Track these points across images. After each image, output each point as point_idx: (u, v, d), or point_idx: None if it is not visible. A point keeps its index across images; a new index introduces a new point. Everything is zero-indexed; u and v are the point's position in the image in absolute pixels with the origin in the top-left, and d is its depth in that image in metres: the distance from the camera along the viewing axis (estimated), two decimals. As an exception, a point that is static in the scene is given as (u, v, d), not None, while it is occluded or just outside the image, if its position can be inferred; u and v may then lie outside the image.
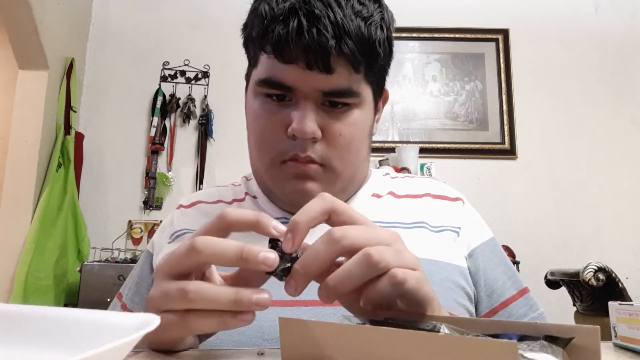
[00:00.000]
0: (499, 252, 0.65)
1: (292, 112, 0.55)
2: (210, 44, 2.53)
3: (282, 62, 0.54)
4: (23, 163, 2.08)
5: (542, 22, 2.62)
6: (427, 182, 0.70)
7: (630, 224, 2.43)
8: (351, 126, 0.57)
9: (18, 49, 2.08)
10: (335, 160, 0.57)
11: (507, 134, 2.49)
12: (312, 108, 0.55)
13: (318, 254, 0.35)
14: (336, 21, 0.52)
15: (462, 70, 2.55)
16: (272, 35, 0.53)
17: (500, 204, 2.38)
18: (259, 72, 0.57)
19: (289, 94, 0.56)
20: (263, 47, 0.55)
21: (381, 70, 0.61)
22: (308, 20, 0.51)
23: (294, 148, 0.56)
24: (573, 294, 1.63)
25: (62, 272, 2.07)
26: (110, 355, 0.20)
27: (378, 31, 0.55)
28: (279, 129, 0.56)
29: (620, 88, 2.57)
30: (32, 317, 0.30)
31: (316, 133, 0.55)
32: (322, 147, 0.56)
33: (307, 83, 0.54)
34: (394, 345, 0.27)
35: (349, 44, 0.52)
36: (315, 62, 0.52)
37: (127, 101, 2.47)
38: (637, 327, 0.39)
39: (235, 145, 2.44)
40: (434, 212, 0.64)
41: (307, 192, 0.57)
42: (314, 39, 0.51)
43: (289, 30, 0.52)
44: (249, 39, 0.59)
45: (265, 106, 0.58)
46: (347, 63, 0.54)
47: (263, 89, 0.57)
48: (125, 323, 0.27)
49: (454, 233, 0.63)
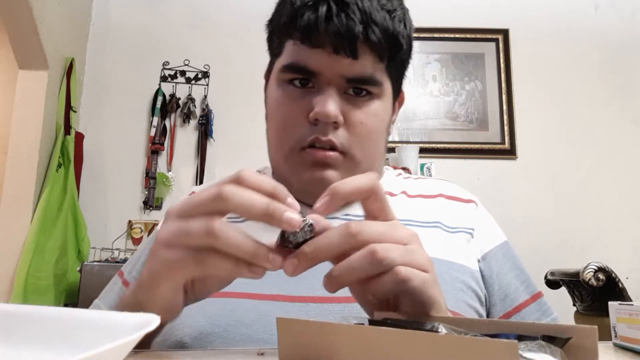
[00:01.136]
0: (512, 256, 0.65)
1: (314, 98, 0.56)
2: (210, 44, 2.53)
3: (309, 47, 0.55)
4: (23, 163, 2.08)
5: (542, 22, 2.62)
6: (440, 183, 0.70)
7: (630, 224, 2.43)
8: (372, 116, 0.58)
9: (18, 49, 2.08)
10: (355, 149, 0.57)
11: (507, 134, 2.49)
12: (335, 93, 0.56)
13: (330, 243, 0.35)
14: (364, 9, 0.54)
15: (462, 70, 2.55)
16: (301, 21, 0.54)
17: (500, 204, 2.38)
18: (284, 59, 0.58)
19: (312, 79, 0.57)
20: (290, 33, 0.56)
21: (401, 65, 0.62)
22: (337, 6, 0.53)
23: (315, 132, 0.56)
24: (573, 294, 1.63)
25: (62, 272, 2.07)
26: (110, 355, 0.20)
27: (401, 25, 0.57)
28: (300, 115, 0.56)
29: (620, 88, 2.57)
30: (32, 317, 0.30)
31: (338, 117, 0.55)
32: (343, 134, 0.57)
33: (332, 68, 0.55)
34: (393, 346, 0.27)
35: (375, 32, 0.54)
36: (342, 46, 0.54)
37: (127, 101, 2.47)
38: (637, 327, 0.39)
39: (235, 145, 2.44)
40: (448, 213, 0.64)
41: (326, 179, 0.56)
42: (343, 23, 0.53)
43: (318, 15, 0.53)
44: (275, 28, 0.60)
45: (288, 93, 0.58)
46: (372, 51, 0.55)
47: (287, 75, 0.58)
48: (125, 323, 0.27)
49: (467, 235, 0.63)
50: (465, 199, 0.68)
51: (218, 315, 0.52)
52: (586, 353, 0.28)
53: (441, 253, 0.58)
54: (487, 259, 0.62)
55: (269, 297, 0.53)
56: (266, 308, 0.52)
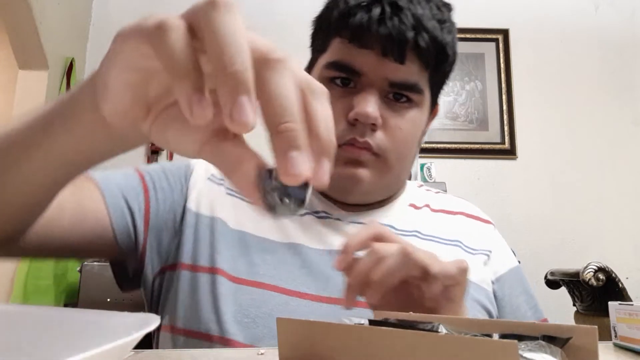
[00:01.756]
0: (523, 280, 0.66)
1: (354, 98, 0.56)
2: (210, 44, 2.53)
3: (357, 47, 0.55)
4: (23, 163, 2.08)
5: (542, 22, 2.62)
6: (461, 201, 0.71)
7: (630, 224, 2.43)
8: (409, 122, 0.58)
9: (18, 49, 2.08)
10: (390, 152, 0.58)
11: (507, 134, 2.49)
12: (377, 95, 0.56)
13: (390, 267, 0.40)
14: (416, 15, 0.54)
15: (462, 70, 2.55)
16: (353, 20, 0.55)
17: (500, 204, 2.38)
18: (329, 56, 0.58)
19: (355, 79, 0.57)
20: (340, 31, 0.57)
21: (442, 77, 0.62)
22: (391, 9, 0.54)
23: (352, 133, 0.56)
24: (573, 294, 1.63)
25: (62, 272, 2.07)
26: (110, 355, 0.20)
27: (450, 36, 0.58)
28: (339, 113, 0.56)
29: (621, 88, 2.57)
30: (32, 317, 0.30)
31: (378, 119, 0.55)
32: (380, 137, 0.57)
33: (377, 70, 0.55)
34: (393, 346, 0.27)
35: (425, 39, 0.55)
36: (391, 49, 0.54)
37: (127, 101, 2.47)
38: (637, 327, 0.39)
39: (235, 145, 2.44)
40: (468, 233, 0.65)
41: (357, 178, 0.57)
42: (395, 26, 0.53)
43: (371, 16, 0.54)
44: (324, 25, 0.61)
45: (329, 90, 0.57)
46: (419, 58, 0.56)
47: (330, 72, 0.58)
48: (125, 323, 0.27)
49: (485, 256, 0.63)
50: (484, 219, 0.69)
51: (249, 304, 0.52)
52: (586, 353, 0.28)
53: None
54: (500, 281, 0.63)
55: (299, 295, 0.54)
56: (296, 304, 0.53)
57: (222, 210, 0.59)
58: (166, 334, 0.55)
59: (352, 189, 0.60)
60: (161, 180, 0.61)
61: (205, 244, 0.57)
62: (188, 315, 0.53)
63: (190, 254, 0.57)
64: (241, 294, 0.52)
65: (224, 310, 0.51)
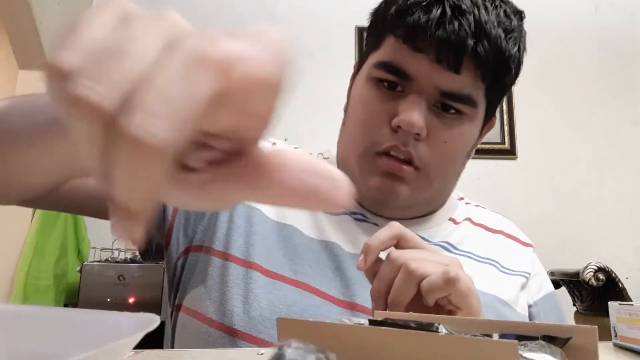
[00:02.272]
0: (558, 307, 0.64)
1: (401, 104, 0.52)
2: (210, 44, 2.53)
3: (411, 49, 0.51)
4: (23, 163, 2.08)
5: (542, 22, 2.62)
6: (501, 219, 0.69)
7: (630, 224, 2.42)
8: (457, 136, 0.54)
9: (18, 49, 2.07)
10: (432, 166, 0.54)
11: (507, 134, 2.48)
12: (424, 104, 0.52)
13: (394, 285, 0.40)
14: (480, 21, 0.49)
15: (462, 70, 2.55)
16: (410, 19, 0.50)
17: (500, 204, 2.38)
18: (381, 54, 0.54)
19: (404, 83, 0.53)
20: (394, 29, 0.52)
21: (502, 90, 0.57)
22: (452, 12, 0.49)
23: (394, 140, 0.52)
24: (573, 294, 1.63)
25: (62, 272, 2.07)
26: (110, 355, 0.20)
27: (515, 48, 0.53)
28: (383, 118, 0.53)
29: (620, 88, 2.57)
30: (32, 317, 0.30)
31: (422, 130, 0.51)
32: (423, 148, 0.53)
33: (429, 76, 0.51)
34: (393, 345, 0.27)
35: (485, 48, 0.49)
36: (446, 56, 0.49)
37: (127, 101, 2.47)
38: (637, 327, 0.39)
39: (235, 145, 2.44)
40: (506, 253, 0.62)
41: (395, 193, 0.54)
42: (454, 31, 0.49)
43: (429, 17, 0.49)
44: (380, 19, 0.56)
45: (374, 92, 0.54)
46: (477, 69, 0.51)
47: (379, 73, 0.54)
48: (125, 323, 0.27)
49: (524, 279, 0.61)
50: (524, 241, 0.67)
51: (280, 302, 0.50)
52: (586, 353, 0.28)
53: (489, 288, 0.56)
54: (538, 306, 0.61)
55: (332, 300, 0.51)
56: (327, 309, 0.50)
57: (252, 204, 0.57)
58: (185, 316, 0.53)
59: (388, 203, 0.57)
60: None
61: (240, 234, 0.54)
62: (215, 306, 0.51)
63: (223, 241, 0.54)
64: (273, 288, 0.50)
65: (255, 306, 0.49)
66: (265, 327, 0.49)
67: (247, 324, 0.49)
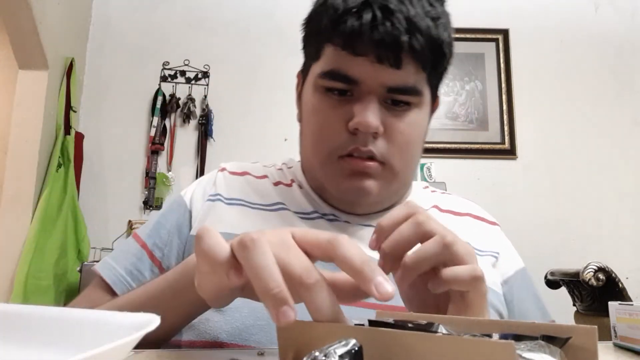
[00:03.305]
0: (530, 282, 0.65)
1: (354, 107, 0.54)
2: (210, 44, 2.53)
3: (351, 54, 0.53)
4: (23, 163, 2.08)
5: (542, 22, 2.62)
6: (466, 202, 0.70)
7: (630, 224, 2.43)
8: (411, 126, 0.57)
9: (18, 49, 2.07)
10: (395, 159, 0.56)
11: (507, 134, 2.49)
12: (376, 103, 0.54)
13: (428, 254, 0.38)
14: (409, 17, 0.52)
15: (462, 70, 2.55)
16: (345, 27, 0.52)
17: (499, 203, 2.38)
18: (323, 64, 0.56)
19: (352, 88, 0.55)
20: (331, 38, 0.55)
21: (441, 74, 0.60)
22: (382, 14, 0.51)
23: (354, 142, 0.55)
24: (573, 294, 1.63)
25: (62, 272, 2.07)
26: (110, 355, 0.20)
27: (445, 33, 0.56)
28: (339, 123, 0.55)
29: (621, 88, 2.57)
30: (32, 317, 0.30)
31: (379, 128, 0.54)
32: (382, 144, 0.55)
33: (374, 77, 0.54)
34: (393, 346, 0.27)
35: (420, 41, 0.52)
36: (386, 55, 0.52)
37: (127, 101, 2.47)
38: (637, 327, 0.39)
39: (235, 145, 2.44)
40: (475, 234, 0.64)
41: (365, 190, 0.56)
42: (388, 32, 0.51)
43: (362, 23, 0.52)
44: (314, 31, 0.59)
45: (326, 100, 0.57)
46: (415, 60, 0.54)
47: (325, 82, 0.56)
48: (125, 323, 0.27)
49: (493, 258, 0.63)
50: (490, 220, 0.68)
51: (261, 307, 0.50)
52: (586, 353, 0.28)
53: None
54: (508, 283, 0.62)
55: None
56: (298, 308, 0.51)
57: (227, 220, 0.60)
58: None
59: (360, 201, 0.59)
60: (162, 237, 0.63)
61: None
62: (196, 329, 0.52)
63: None
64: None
65: (237, 317, 0.51)
66: (250, 333, 0.50)
67: (230, 335, 0.50)
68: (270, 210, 0.62)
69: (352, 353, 0.25)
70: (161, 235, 0.62)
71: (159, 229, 0.63)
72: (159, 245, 0.62)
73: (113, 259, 0.62)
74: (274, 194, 0.64)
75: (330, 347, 0.25)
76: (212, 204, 0.62)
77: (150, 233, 0.63)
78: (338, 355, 0.25)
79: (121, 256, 0.62)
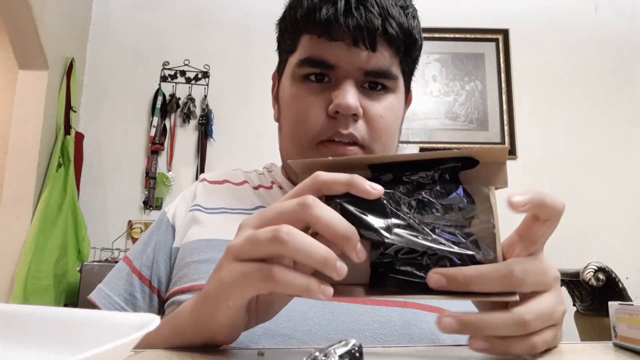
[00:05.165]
0: None
1: (332, 92, 0.56)
2: (210, 44, 2.53)
3: (327, 40, 0.55)
4: (23, 163, 2.08)
5: (542, 22, 2.62)
6: None
7: (630, 224, 2.42)
8: (389, 109, 0.59)
9: (18, 49, 2.08)
10: (375, 142, 0.58)
11: (507, 134, 2.49)
12: (353, 87, 0.56)
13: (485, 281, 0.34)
14: (381, 3, 0.55)
15: (462, 70, 2.55)
16: (320, 15, 0.55)
17: (499, 204, 2.37)
18: (300, 54, 0.58)
19: (329, 73, 0.57)
20: (307, 28, 0.57)
21: (413, 62, 0.63)
22: (356, 1, 0.54)
23: (335, 126, 0.56)
24: (573, 294, 1.63)
25: (62, 272, 2.07)
26: (110, 355, 0.20)
27: (414, 21, 0.59)
28: (319, 108, 0.56)
29: (620, 88, 2.57)
30: (32, 317, 0.30)
31: (359, 109, 0.55)
32: (362, 127, 0.57)
33: (350, 61, 0.55)
34: None
35: (392, 25, 0.55)
36: (362, 39, 0.54)
37: (127, 101, 2.47)
38: (637, 327, 0.39)
39: (235, 145, 2.44)
40: None
41: None
42: (362, 16, 0.54)
43: (337, 8, 0.54)
44: (290, 25, 0.60)
45: (304, 88, 0.58)
46: (389, 45, 0.56)
47: (303, 69, 0.58)
48: (125, 323, 0.27)
49: None
50: None
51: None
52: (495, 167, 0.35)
53: None
54: None
55: None
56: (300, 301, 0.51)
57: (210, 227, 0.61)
58: None
59: None
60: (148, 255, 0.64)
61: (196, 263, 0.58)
62: None
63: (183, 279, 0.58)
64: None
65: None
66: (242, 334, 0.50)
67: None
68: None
69: (352, 353, 0.25)
70: (147, 254, 0.64)
71: (145, 249, 0.65)
72: (146, 264, 0.63)
73: (107, 285, 0.63)
74: (255, 198, 0.65)
75: (331, 347, 0.25)
76: (192, 214, 0.63)
77: (137, 255, 0.65)
78: (338, 355, 0.25)
79: (114, 282, 0.63)
